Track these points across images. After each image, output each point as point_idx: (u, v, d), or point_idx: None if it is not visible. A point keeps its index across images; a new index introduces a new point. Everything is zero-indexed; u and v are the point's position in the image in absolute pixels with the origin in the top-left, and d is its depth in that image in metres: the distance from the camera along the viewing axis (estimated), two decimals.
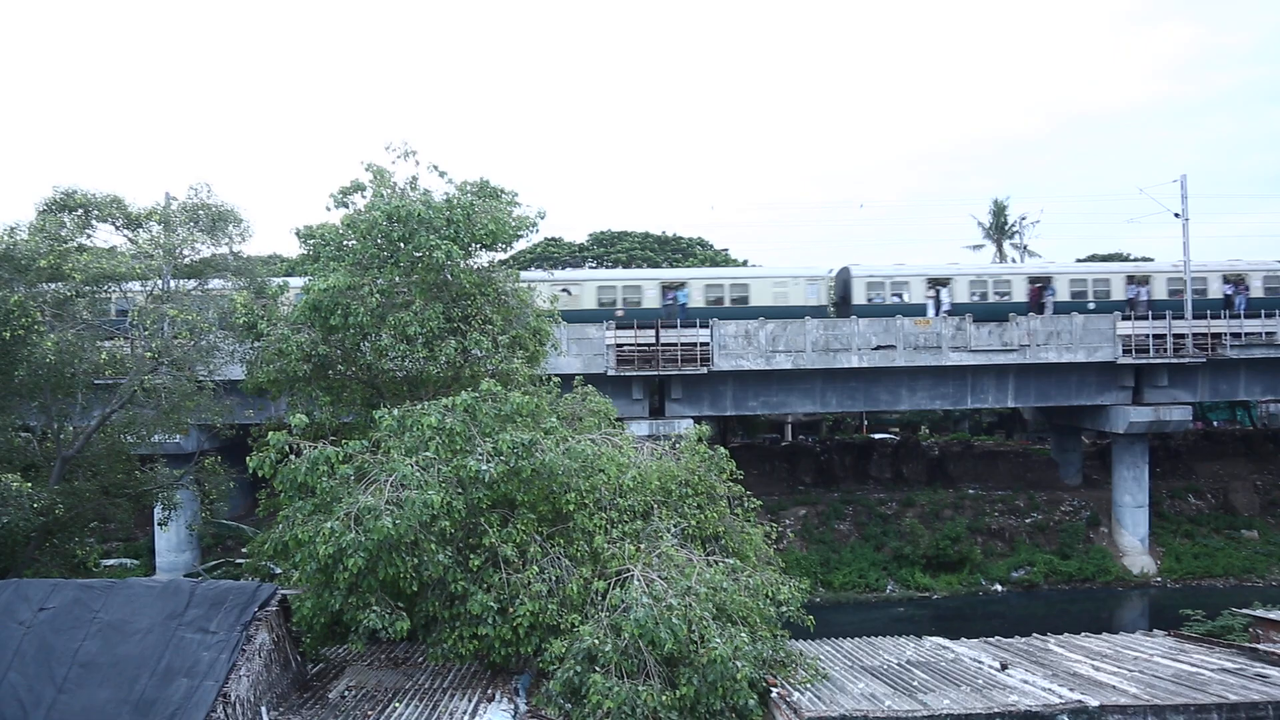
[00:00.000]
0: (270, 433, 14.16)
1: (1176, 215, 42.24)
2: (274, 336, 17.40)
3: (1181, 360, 37.98)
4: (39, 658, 11.69)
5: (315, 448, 13.78)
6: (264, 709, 12.47)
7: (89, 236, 20.64)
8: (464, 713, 12.84)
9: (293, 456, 13.85)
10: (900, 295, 41.00)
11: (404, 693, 13.74)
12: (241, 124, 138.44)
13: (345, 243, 18.21)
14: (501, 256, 20.20)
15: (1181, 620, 24.57)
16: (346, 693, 13.76)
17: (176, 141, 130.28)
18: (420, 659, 15.33)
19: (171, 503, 21.80)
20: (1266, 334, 38.34)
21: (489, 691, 13.79)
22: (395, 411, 14.51)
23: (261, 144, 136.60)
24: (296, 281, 23.16)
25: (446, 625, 13.53)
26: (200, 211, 20.80)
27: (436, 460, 13.56)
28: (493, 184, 18.94)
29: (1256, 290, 41.12)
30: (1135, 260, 56.81)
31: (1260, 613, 17.17)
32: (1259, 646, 15.22)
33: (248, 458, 14.34)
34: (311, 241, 18.65)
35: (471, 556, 13.72)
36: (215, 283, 21.75)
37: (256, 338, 18.17)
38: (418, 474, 13.10)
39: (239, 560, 34.44)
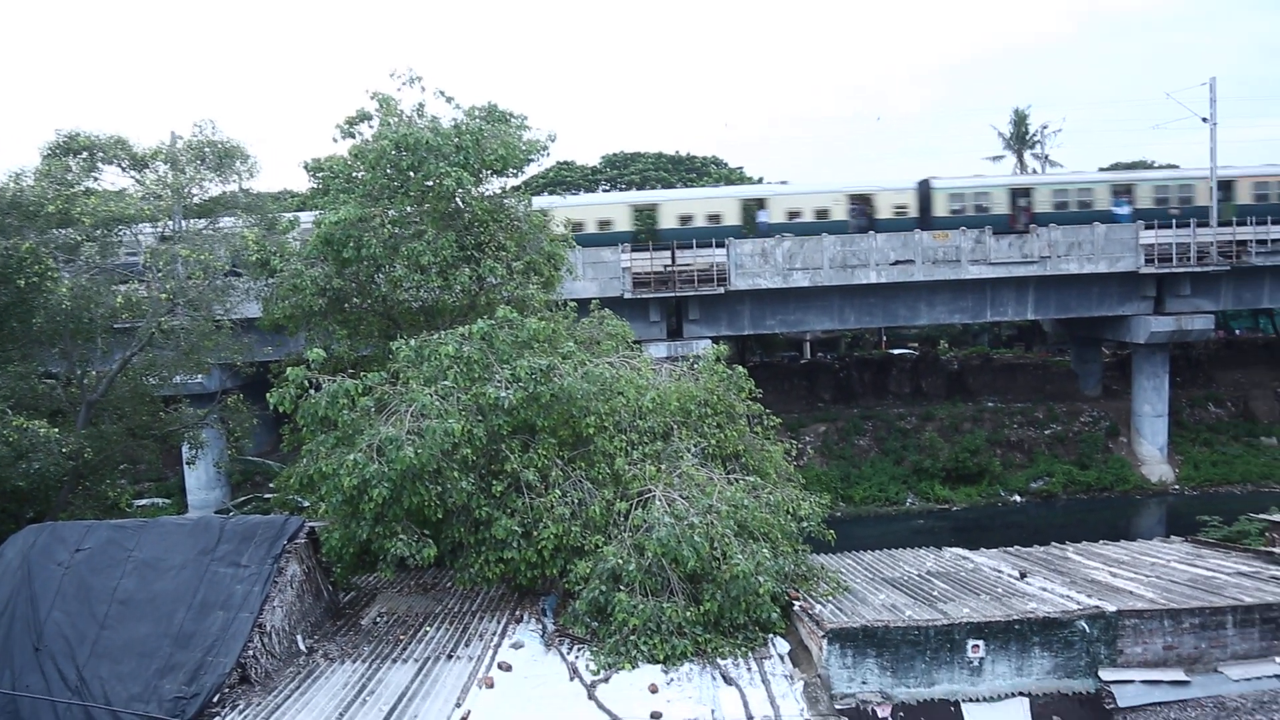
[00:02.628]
0: (289, 368, 14.22)
1: (1205, 120, 41.40)
2: (288, 272, 17.37)
3: (1205, 269, 37.48)
4: (79, 596, 11.96)
5: (335, 381, 13.84)
6: (299, 637, 12.81)
7: (95, 179, 20.54)
8: (493, 634, 13.15)
9: (313, 391, 13.91)
10: None
11: (434, 617, 14.07)
12: (243, 58, 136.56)
13: (354, 174, 18.06)
14: (513, 182, 19.99)
15: (1199, 526, 24.71)
16: (378, 619, 14.10)
17: (178, 79, 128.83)
18: (448, 584, 15.66)
19: (198, 442, 22.12)
20: None
21: (517, 613, 14.10)
22: (412, 342, 14.51)
23: (265, 78, 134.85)
24: (307, 216, 23.05)
25: (472, 550, 13.71)
26: (206, 149, 20.66)
27: (455, 389, 13.60)
28: (501, 108, 18.65)
29: None
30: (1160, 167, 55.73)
31: (1276, 517, 17.18)
32: (1275, 550, 15.28)
33: (268, 394, 14.46)
34: (320, 174, 18.49)
35: (494, 483, 13.86)
36: (226, 221, 21.69)
37: (270, 274, 18.14)
38: (437, 403, 13.15)
39: (267, 495, 35.12)
